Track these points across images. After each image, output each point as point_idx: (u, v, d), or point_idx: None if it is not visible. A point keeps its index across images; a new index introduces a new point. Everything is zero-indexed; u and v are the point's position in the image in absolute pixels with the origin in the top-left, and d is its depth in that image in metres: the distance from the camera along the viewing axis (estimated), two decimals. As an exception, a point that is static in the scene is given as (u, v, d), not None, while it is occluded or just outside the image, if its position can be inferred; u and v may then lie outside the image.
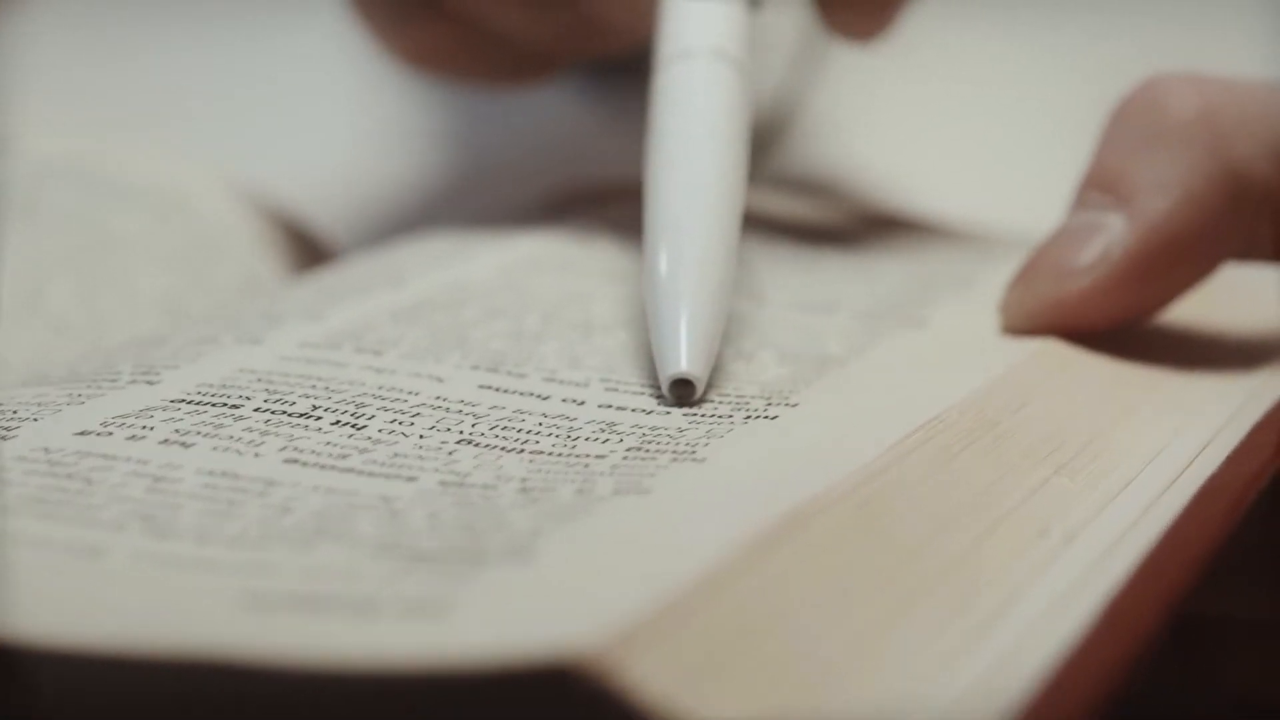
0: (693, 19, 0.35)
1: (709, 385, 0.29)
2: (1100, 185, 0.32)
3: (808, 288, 0.35)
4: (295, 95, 0.55)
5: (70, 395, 0.28)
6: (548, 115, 0.54)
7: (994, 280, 0.33)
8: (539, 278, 0.34)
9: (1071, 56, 0.58)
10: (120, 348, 0.32)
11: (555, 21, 0.40)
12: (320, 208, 0.47)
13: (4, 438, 0.27)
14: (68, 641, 0.21)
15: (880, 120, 0.56)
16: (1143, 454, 0.28)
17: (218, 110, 0.54)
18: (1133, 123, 0.32)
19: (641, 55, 0.36)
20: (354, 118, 0.54)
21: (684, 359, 0.29)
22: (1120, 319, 0.32)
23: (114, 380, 0.29)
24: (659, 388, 0.29)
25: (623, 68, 0.53)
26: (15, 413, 0.28)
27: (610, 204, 0.40)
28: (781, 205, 0.42)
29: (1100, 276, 0.32)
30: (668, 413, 0.28)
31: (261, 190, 0.44)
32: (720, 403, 0.29)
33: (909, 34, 0.58)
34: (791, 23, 0.57)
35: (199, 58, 0.57)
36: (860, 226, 0.40)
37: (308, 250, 0.44)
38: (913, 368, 0.31)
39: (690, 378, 0.29)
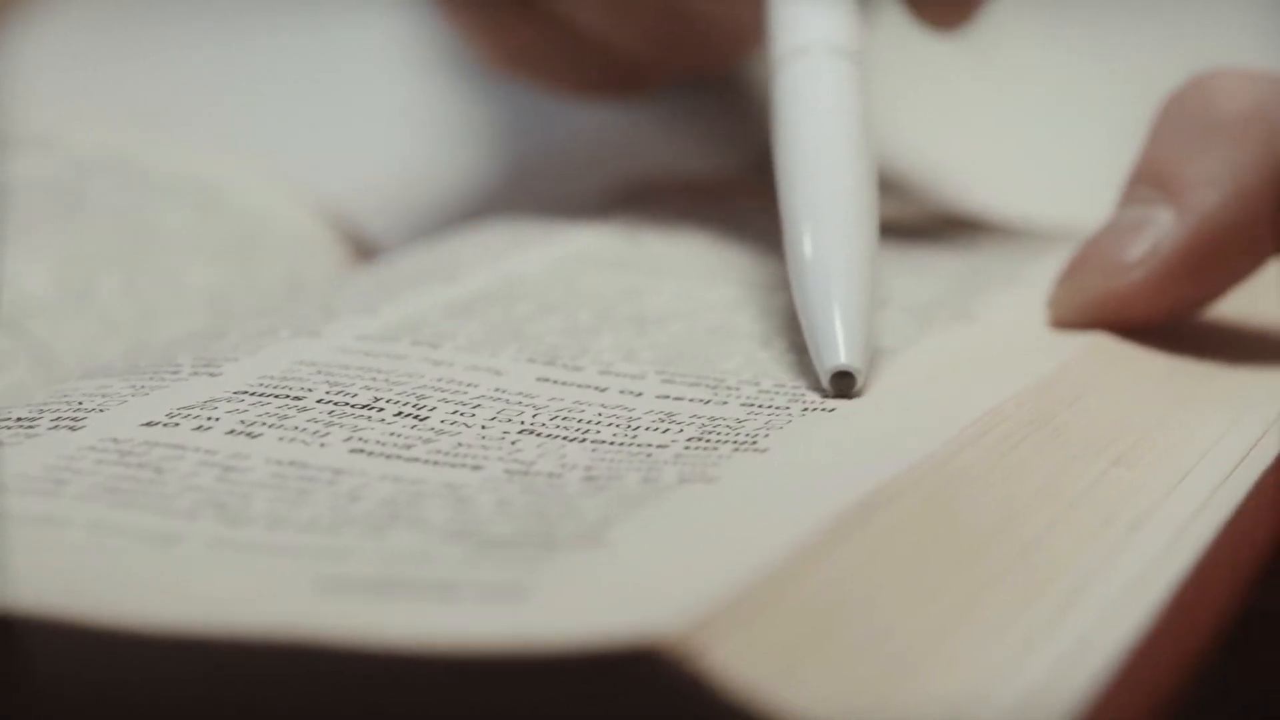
0: (805, 14, 0.35)
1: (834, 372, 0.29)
2: (1149, 179, 0.32)
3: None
4: (343, 90, 0.55)
5: (134, 387, 0.29)
6: (600, 112, 0.54)
7: (1042, 274, 0.34)
8: (591, 273, 0.35)
9: (1119, 49, 0.59)
10: (176, 341, 0.32)
11: (651, 28, 0.40)
12: (367, 205, 0.48)
13: (72, 428, 0.27)
14: (149, 625, 0.21)
15: (926, 113, 0.56)
16: (1199, 445, 0.28)
17: (263, 104, 0.54)
18: (1183, 117, 0.33)
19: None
20: (402, 113, 0.54)
21: (842, 351, 0.29)
22: (1170, 313, 0.32)
23: (175, 372, 0.29)
24: (712, 378, 0.29)
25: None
26: (81, 403, 0.28)
27: (661, 200, 0.40)
28: None
29: (1150, 271, 0.32)
30: (725, 403, 0.29)
31: (308, 186, 0.45)
32: (777, 393, 0.29)
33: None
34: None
35: (245, 51, 0.57)
36: (908, 221, 0.40)
37: (355, 248, 0.45)
38: (965, 361, 0.31)
39: (851, 369, 0.29)
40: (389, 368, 0.29)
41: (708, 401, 0.29)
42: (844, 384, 0.29)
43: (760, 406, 0.28)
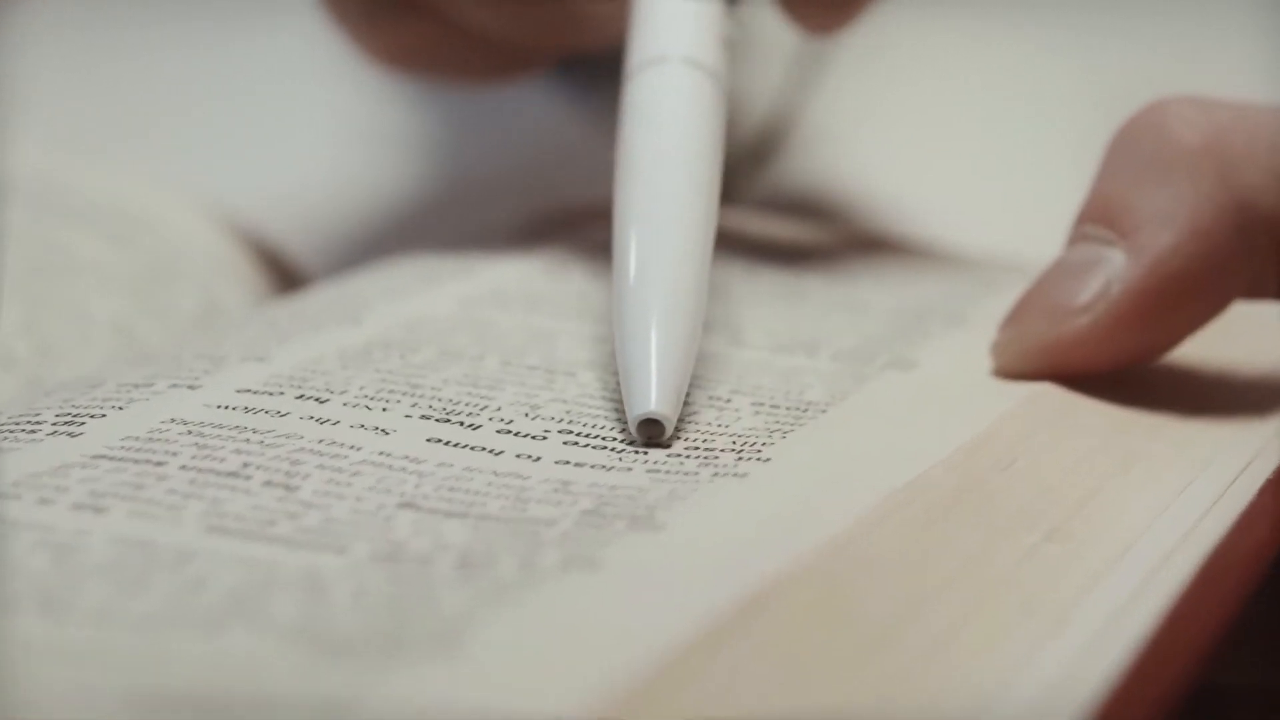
0: (665, 21, 0.33)
1: (678, 428, 0.27)
2: (1100, 217, 0.30)
3: (789, 325, 0.32)
4: (264, 110, 0.53)
5: (-14, 449, 0.26)
6: (528, 125, 0.52)
7: (990, 316, 0.31)
8: (502, 314, 0.32)
9: (1078, 72, 0.56)
10: (51, 390, 0.30)
11: (532, 17, 0.38)
12: (290, 227, 0.45)
13: None
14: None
15: (878, 137, 0.54)
16: (1144, 513, 0.25)
17: (183, 125, 0.52)
18: (1135, 150, 0.30)
19: (619, 52, 0.34)
20: (326, 133, 0.52)
21: (653, 397, 0.27)
22: (1121, 361, 0.30)
23: (34, 431, 0.27)
24: (624, 434, 0.27)
25: (602, 67, 0.51)
26: None
27: (586, 227, 0.38)
28: (765, 227, 0.40)
29: (1099, 316, 0.29)
30: (629, 469, 0.26)
31: (229, 210, 0.42)
32: (688, 456, 0.27)
33: (908, 46, 0.56)
34: (790, 32, 0.55)
35: (164, 70, 0.55)
36: (850, 252, 0.38)
37: (279, 273, 0.42)
38: (898, 417, 0.28)
39: (659, 417, 0.27)
40: (266, 427, 0.27)
41: (610, 468, 0.26)
42: (653, 431, 0.27)
43: (668, 472, 0.26)
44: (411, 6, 0.38)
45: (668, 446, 0.27)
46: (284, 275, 0.42)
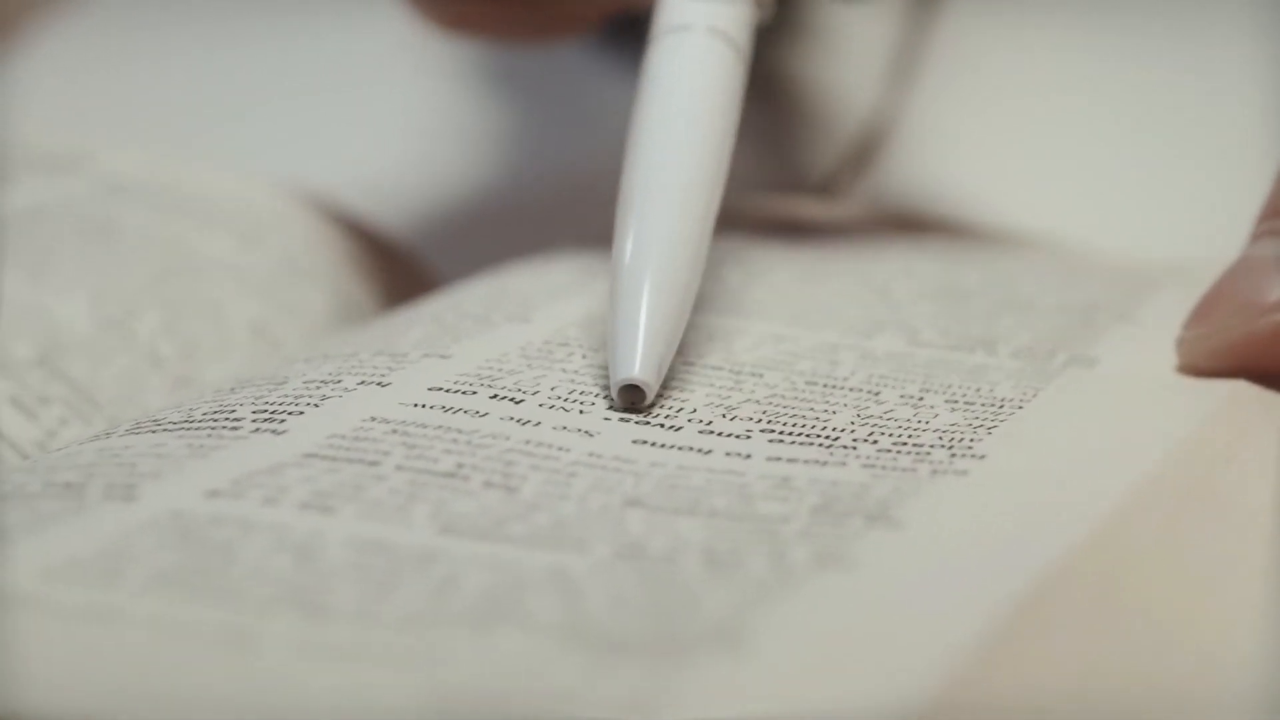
0: None
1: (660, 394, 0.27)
2: (1288, 213, 0.30)
3: (960, 321, 0.32)
4: (364, 105, 0.53)
5: (190, 446, 0.26)
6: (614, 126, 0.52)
7: (1159, 313, 0.31)
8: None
9: (1172, 70, 0.56)
10: (229, 387, 0.29)
11: None
12: (402, 222, 0.45)
13: (127, 498, 0.24)
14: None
15: (978, 132, 0.54)
16: None
17: (278, 122, 0.52)
18: (1324, 145, 0.30)
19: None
20: (422, 124, 0.51)
21: (637, 364, 0.27)
22: (1315, 359, 0.29)
23: (236, 428, 0.26)
24: (823, 435, 0.27)
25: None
26: (134, 466, 0.25)
27: (731, 228, 0.38)
28: (884, 227, 0.40)
29: (1293, 313, 0.29)
30: (843, 464, 0.26)
31: (345, 206, 0.42)
32: (899, 452, 0.26)
33: (1006, 43, 0.55)
34: (888, 33, 0.54)
35: (260, 66, 0.55)
36: (997, 250, 0.38)
37: (402, 270, 0.42)
38: (1096, 415, 0.28)
39: (640, 384, 0.27)
40: (470, 427, 0.26)
41: (824, 464, 0.26)
42: (632, 397, 0.27)
43: (884, 468, 0.26)
44: None
45: (646, 413, 0.27)
46: (406, 271, 0.42)
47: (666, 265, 0.29)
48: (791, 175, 0.51)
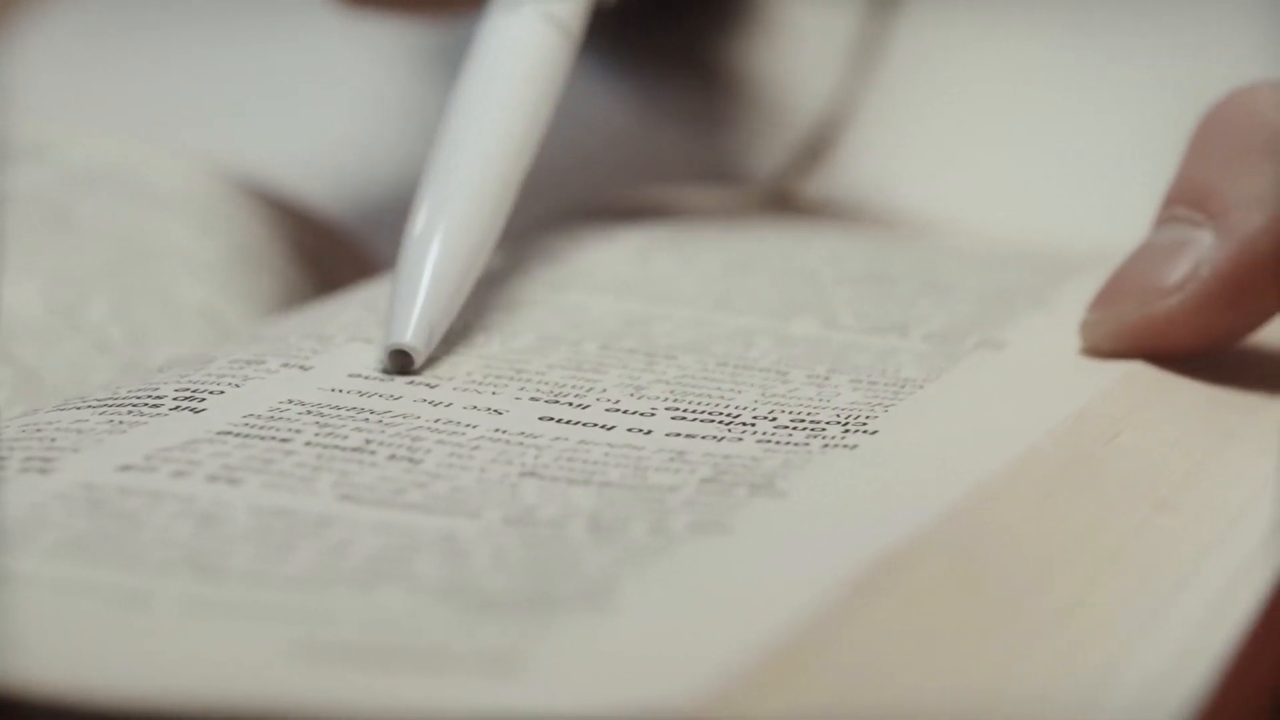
0: None
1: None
2: (1188, 200, 0.31)
3: (879, 306, 0.33)
4: (317, 95, 0.53)
5: (111, 422, 0.27)
6: (577, 113, 0.53)
7: (1072, 299, 0.32)
8: (595, 301, 0.33)
9: (1134, 65, 0.57)
10: (160, 368, 0.30)
11: None
12: (350, 209, 0.46)
13: (43, 470, 0.25)
14: (114, 698, 0.19)
15: (934, 128, 0.54)
16: (1249, 486, 0.26)
17: (242, 116, 0.53)
18: (1224, 132, 0.31)
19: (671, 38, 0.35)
20: (373, 112, 0.52)
21: (410, 331, 0.29)
22: (1211, 341, 0.30)
23: (157, 406, 0.27)
24: (724, 414, 0.28)
25: (648, 54, 0.51)
26: (54, 441, 0.26)
27: (668, 217, 0.39)
28: (844, 218, 0.41)
29: (1190, 296, 0.30)
30: (739, 440, 0.27)
31: (296, 197, 0.43)
32: (795, 428, 0.27)
33: (965, 39, 0.56)
34: (845, 27, 0.55)
35: (220, 59, 0.55)
36: (928, 238, 0.39)
37: (346, 256, 0.43)
38: (994, 393, 0.29)
39: (409, 349, 0.29)
40: (382, 409, 0.28)
41: (720, 439, 0.27)
42: (400, 361, 0.29)
43: (778, 443, 0.27)
44: None
45: (417, 374, 0.29)
46: (351, 258, 0.43)
47: (451, 237, 0.30)
48: (741, 168, 0.51)
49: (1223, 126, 0.31)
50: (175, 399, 0.28)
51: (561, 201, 0.43)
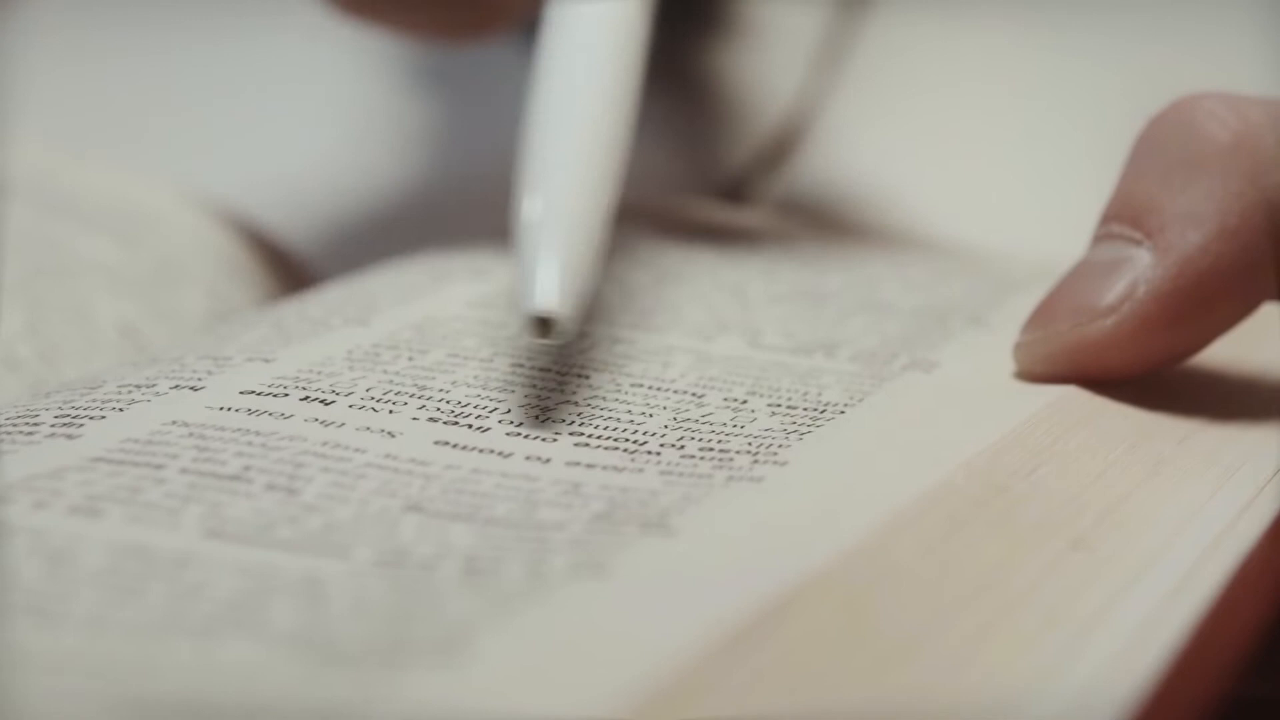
0: None
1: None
2: (1126, 217, 0.29)
3: (809, 325, 0.32)
4: (269, 107, 0.52)
5: (-19, 450, 0.26)
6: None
7: (1011, 317, 0.31)
8: (512, 316, 0.32)
9: (1103, 69, 0.55)
10: (52, 390, 0.29)
11: None
12: (298, 226, 0.45)
13: None
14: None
15: (897, 135, 0.53)
16: (1171, 522, 0.25)
17: (185, 123, 0.52)
18: (1163, 147, 0.29)
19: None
20: (331, 129, 0.51)
21: (552, 293, 0.27)
22: (1148, 364, 0.29)
23: (32, 432, 0.26)
24: (631, 440, 0.26)
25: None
26: None
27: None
28: (784, 227, 0.39)
29: (1126, 317, 0.29)
30: (641, 470, 0.26)
31: (234, 209, 0.42)
32: (702, 458, 0.26)
33: (927, 44, 0.55)
34: (813, 29, 0.54)
35: (165, 67, 0.54)
36: (871, 251, 0.37)
37: (286, 273, 0.42)
38: (918, 420, 0.28)
39: (552, 315, 0.27)
40: (269, 429, 0.26)
41: (622, 469, 0.25)
42: (544, 329, 0.27)
43: (681, 475, 0.25)
44: None
45: (561, 343, 0.27)
46: (292, 275, 0.42)
47: (577, 208, 0.29)
48: (702, 173, 0.50)
49: (1161, 139, 0.29)
50: (53, 425, 0.26)
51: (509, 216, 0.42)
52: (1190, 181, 0.29)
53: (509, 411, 0.27)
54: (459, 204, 0.48)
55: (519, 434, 0.27)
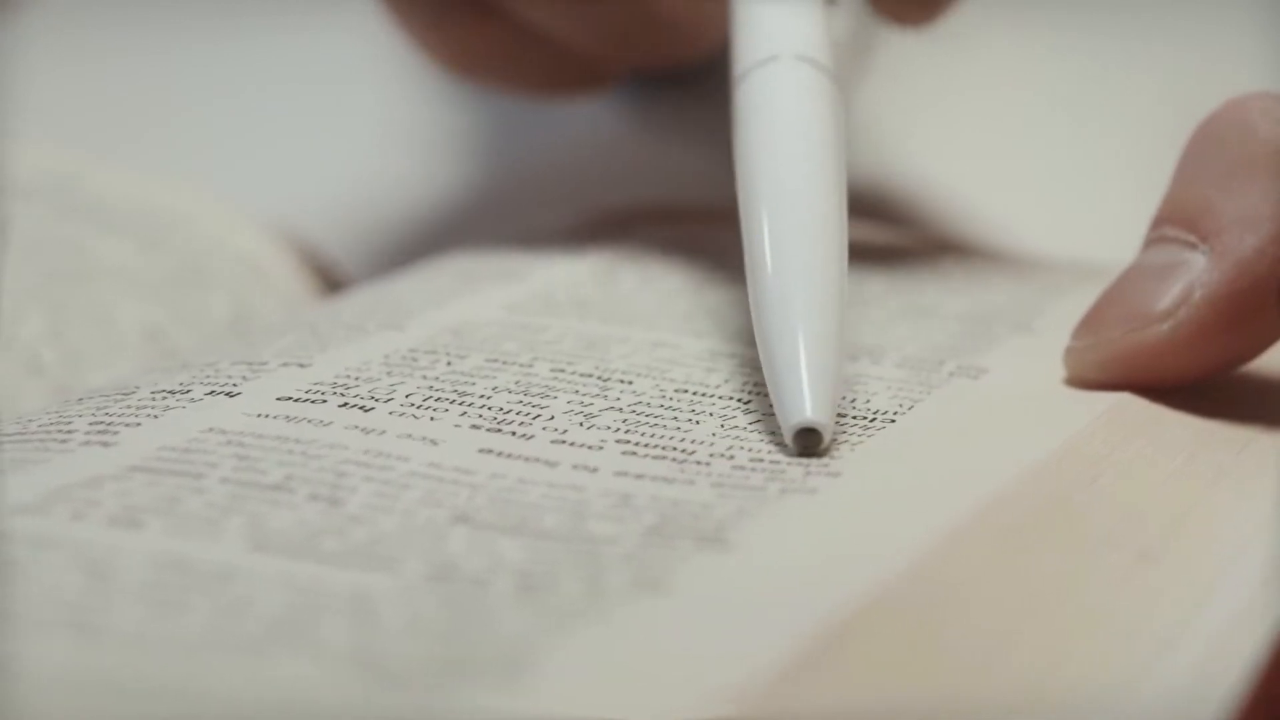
0: (772, 21, 0.31)
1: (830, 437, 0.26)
2: (1179, 220, 0.29)
3: (851, 330, 0.31)
4: (303, 110, 0.52)
5: (14, 459, 0.25)
6: (573, 127, 0.51)
7: (1059, 322, 0.30)
8: (550, 319, 0.31)
9: (1151, 68, 0.55)
10: (83, 397, 0.28)
11: (610, 22, 0.36)
12: (329, 228, 0.44)
13: None
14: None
15: (934, 131, 0.52)
16: (1237, 532, 0.24)
17: (218, 125, 0.51)
18: (1216, 149, 0.29)
19: (695, 68, 0.33)
20: (365, 132, 0.50)
21: (808, 405, 0.26)
22: (1204, 370, 0.28)
23: (65, 440, 0.26)
24: (679, 449, 0.26)
25: (670, 79, 0.49)
26: None
27: (637, 229, 0.37)
28: None
29: (1181, 322, 0.28)
30: (691, 483, 0.25)
31: (264, 211, 0.41)
32: (754, 469, 0.25)
33: (970, 35, 0.54)
34: (841, 21, 0.53)
35: (201, 69, 0.54)
36: (913, 255, 0.37)
37: (316, 276, 0.41)
38: (971, 429, 0.27)
39: (817, 426, 0.26)
40: (309, 437, 0.26)
41: (672, 480, 0.25)
42: (809, 441, 0.26)
43: (733, 486, 0.25)
44: (480, 8, 0.37)
45: (822, 455, 0.26)
46: (321, 278, 0.41)
47: (823, 300, 0.27)
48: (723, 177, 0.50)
49: (1215, 141, 0.29)
50: (87, 432, 0.26)
51: (554, 212, 0.41)
52: (1246, 183, 0.28)
53: (552, 418, 0.27)
54: (484, 206, 0.47)
55: (564, 441, 0.26)
